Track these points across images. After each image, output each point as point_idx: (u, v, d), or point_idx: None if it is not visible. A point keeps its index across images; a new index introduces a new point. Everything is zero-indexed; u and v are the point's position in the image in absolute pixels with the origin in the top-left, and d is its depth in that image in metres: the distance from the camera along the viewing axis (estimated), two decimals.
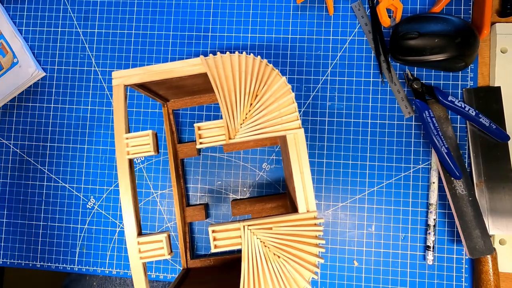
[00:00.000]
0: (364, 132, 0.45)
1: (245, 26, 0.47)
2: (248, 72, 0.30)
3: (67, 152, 0.49)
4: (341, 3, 0.47)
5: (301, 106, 0.46)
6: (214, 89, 0.30)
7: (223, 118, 0.30)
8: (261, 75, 0.30)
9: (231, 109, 0.29)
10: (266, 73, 0.30)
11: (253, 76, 0.30)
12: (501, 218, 0.42)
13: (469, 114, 0.42)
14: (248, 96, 0.30)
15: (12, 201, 0.49)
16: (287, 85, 0.30)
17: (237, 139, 0.29)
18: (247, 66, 0.30)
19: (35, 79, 0.49)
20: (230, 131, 0.30)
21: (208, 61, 0.30)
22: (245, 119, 0.29)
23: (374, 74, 0.46)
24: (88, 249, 0.47)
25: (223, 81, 0.30)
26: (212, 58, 0.31)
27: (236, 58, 0.30)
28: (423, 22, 0.43)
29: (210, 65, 0.30)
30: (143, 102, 0.48)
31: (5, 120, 0.50)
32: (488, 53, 0.45)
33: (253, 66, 0.30)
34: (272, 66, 0.31)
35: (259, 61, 0.31)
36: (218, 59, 0.30)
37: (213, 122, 0.30)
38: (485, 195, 0.42)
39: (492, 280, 0.40)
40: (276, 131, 0.29)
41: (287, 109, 0.30)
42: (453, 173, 0.42)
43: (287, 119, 0.30)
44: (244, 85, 0.30)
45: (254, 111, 0.30)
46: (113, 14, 0.49)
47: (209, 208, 0.47)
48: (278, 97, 0.30)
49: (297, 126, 0.30)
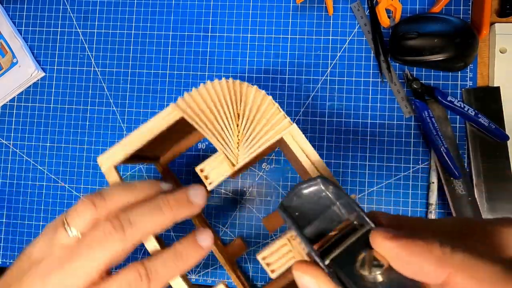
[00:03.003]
0: (364, 132, 0.45)
1: (244, 26, 0.48)
2: (221, 96, 0.30)
3: (67, 152, 0.49)
4: (341, 4, 0.47)
5: (301, 106, 0.46)
6: (197, 128, 0.29)
7: (218, 150, 0.29)
8: (233, 94, 0.30)
9: (222, 139, 0.29)
10: (237, 90, 0.30)
11: (226, 98, 0.29)
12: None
13: (468, 114, 0.42)
14: (231, 119, 0.29)
15: (12, 201, 0.49)
16: (260, 91, 0.30)
17: (241, 163, 0.29)
18: (217, 93, 0.30)
19: (34, 79, 0.49)
20: (230, 159, 0.29)
21: (180, 105, 0.30)
22: (238, 141, 0.29)
23: (374, 74, 0.46)
24: None
25: (201, 116, 0.29)
26: (181, 100, 0.30)
27: (203, 89, 0.30)
28: (422, 22, 0.43)
29: (183, 108, 0.29)
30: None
31: (5, 120, 0.50)
32: (487, 53, 0.45)
33: (222, 90, 0.30)
34: (239, 81, 0.30)
35: (225, 82, 0.30)
36: (188, 98, 0.30)
37: (211, 159, 0.29)
38: (484, 195, 0.42)
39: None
40: (272, 138, 0.29)
41: (272, 113, 0.29)
42: (452, 173, 0.42)
43: (276, 122, 0.29)
44: (223, 111, 0.29)
45: (244, 130, 0.29)
46: (113, 14, 0.49)
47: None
48: (259, 106, 0.29)
49: (287, 124, 0.29)
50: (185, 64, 0.48)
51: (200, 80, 0.48)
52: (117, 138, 0.48)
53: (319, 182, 0.20)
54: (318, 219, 0.19)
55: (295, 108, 0.46)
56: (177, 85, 0.48)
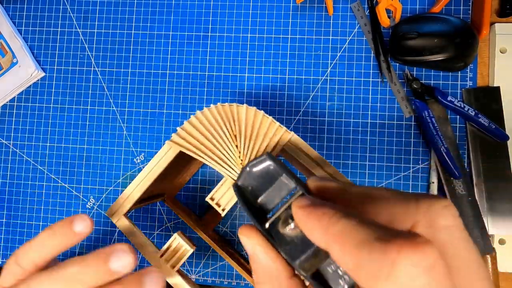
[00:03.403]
0: (364, 132, 0.45)
1: (244, 26, 0.48)
2: (213, 122, 0.30)
3: (67, 152, 0.49)
4: (341, 4, 0.47)
5: (301, 106, 0.46)
6: (198, 158, 0.29)
7: (223, 175, 0.29)
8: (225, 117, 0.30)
9: (224, 163, 0.29)
10: (228, 112, 0.30)
11: (220, 123, 0.30)
12: (500, 218, 0.42)
13: (468, 114, 0.42)
14: (229, 142, 0.29)
15: (12, 201, 0.49)
16: (251, 108, 0.30)
17: None
18: (209, 120, 0.30)
19: (34, 79, 0.49)
20: None
21: (175, 140, 0.30)
22: (241, 161, 0.29)
23: (374, 74, 0.46)
24: (87, 249, 0.47)
25: (199, 146, 0.29)
26: (176, 135, 0.30)
27: (194, 119, 0.30)
28: (422, 22, 0.43)
29: (179, 142, 0.30)
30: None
31: (5, 120, 0.50)
32: (487, 53, 0.45)
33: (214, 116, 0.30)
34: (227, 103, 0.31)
35: (214, 108, 0.30)
36: (181, 132, 0.30)
37: (219, 185, 0.29)
38: (484, 195, 0.42)
39: (491, 279, 0.40)
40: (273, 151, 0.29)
41: (268, 127, 0.29)
42: (452, 173, 0.42)
43: (274, 135, 0.29)
44: (219, 136, 0.29)
45: (244, 149, 0.29)
46: (113, 14, 0.49)
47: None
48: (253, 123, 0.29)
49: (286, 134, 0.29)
50: (185, 64, 0.48)
51: (200, 80, 0.48)
52: (117, 138, 0.48)
53: (266, 158, 0.22)
54: (269, 189, 0.21)
55: (295, 108, 0.46)
56: (177, 85, 0.48)
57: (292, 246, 0.18)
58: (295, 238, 0.18)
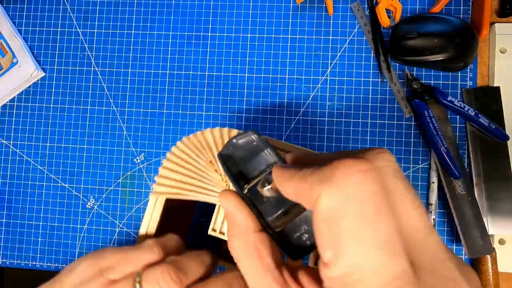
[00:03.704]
0: (364, 132, 0.45)
1: (244, 26, 0.48)
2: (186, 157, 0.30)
3: (67, 152, 0.49)
4: (341, 4, 0.47)
5: (301, 106, 0.46)
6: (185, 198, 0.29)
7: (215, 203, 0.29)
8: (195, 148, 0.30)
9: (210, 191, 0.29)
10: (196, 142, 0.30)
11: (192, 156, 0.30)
12: (500, 217, 0.42)
13: (468, 114, 0.42)
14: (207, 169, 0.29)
15: (12, 201, 0.49)
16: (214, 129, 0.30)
17: None
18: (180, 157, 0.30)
19: (34, 79, 0.49)
20: None
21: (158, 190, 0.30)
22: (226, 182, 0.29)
23: (374, 74, 0.46)
24: (88, 249, 0.47)
25: (181, 185, 0.29)
26: (156, 185, 0.30)
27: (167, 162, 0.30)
28: (422, 22, 0.43)
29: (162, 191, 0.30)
30: None
31: (5, 120, 0.50)
32: (487, 53, 0.45)
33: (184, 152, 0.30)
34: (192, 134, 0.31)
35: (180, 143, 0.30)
36: (160, 180, 0.30)
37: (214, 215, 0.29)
38: (484, 194, 0.42)
39: (491, 279, 0.40)
40: None
41: None
42: (452, 173, 0.42)
43: None
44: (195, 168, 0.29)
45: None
46: (113, 14, 0.49)
47: None
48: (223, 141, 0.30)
49: None
50: (185, 64, 0.48)
51: (200, 80, 0.48)
52: (117, 138, 0.48)
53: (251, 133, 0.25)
54: (251, 161, 0.24)
55: (295, 108, 0.46)
56: (177, 85, 0.48)
57: (267, 204, 0.22)
58: (271, 198, 0.22)
